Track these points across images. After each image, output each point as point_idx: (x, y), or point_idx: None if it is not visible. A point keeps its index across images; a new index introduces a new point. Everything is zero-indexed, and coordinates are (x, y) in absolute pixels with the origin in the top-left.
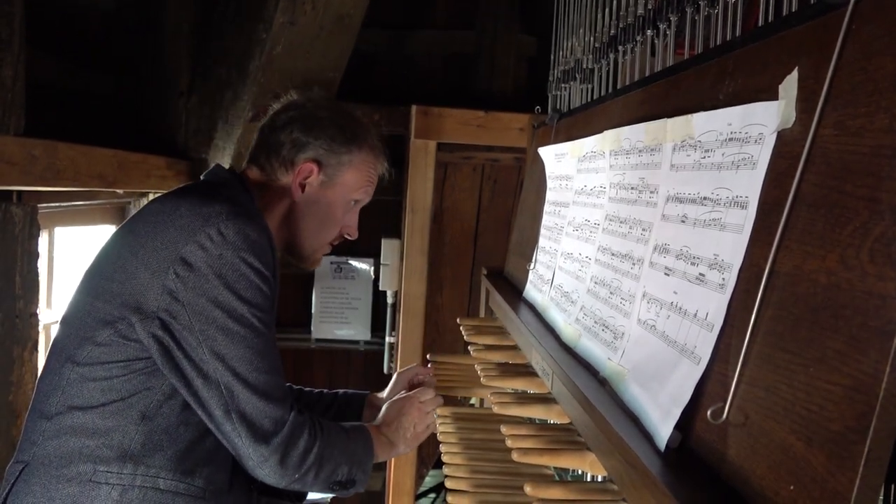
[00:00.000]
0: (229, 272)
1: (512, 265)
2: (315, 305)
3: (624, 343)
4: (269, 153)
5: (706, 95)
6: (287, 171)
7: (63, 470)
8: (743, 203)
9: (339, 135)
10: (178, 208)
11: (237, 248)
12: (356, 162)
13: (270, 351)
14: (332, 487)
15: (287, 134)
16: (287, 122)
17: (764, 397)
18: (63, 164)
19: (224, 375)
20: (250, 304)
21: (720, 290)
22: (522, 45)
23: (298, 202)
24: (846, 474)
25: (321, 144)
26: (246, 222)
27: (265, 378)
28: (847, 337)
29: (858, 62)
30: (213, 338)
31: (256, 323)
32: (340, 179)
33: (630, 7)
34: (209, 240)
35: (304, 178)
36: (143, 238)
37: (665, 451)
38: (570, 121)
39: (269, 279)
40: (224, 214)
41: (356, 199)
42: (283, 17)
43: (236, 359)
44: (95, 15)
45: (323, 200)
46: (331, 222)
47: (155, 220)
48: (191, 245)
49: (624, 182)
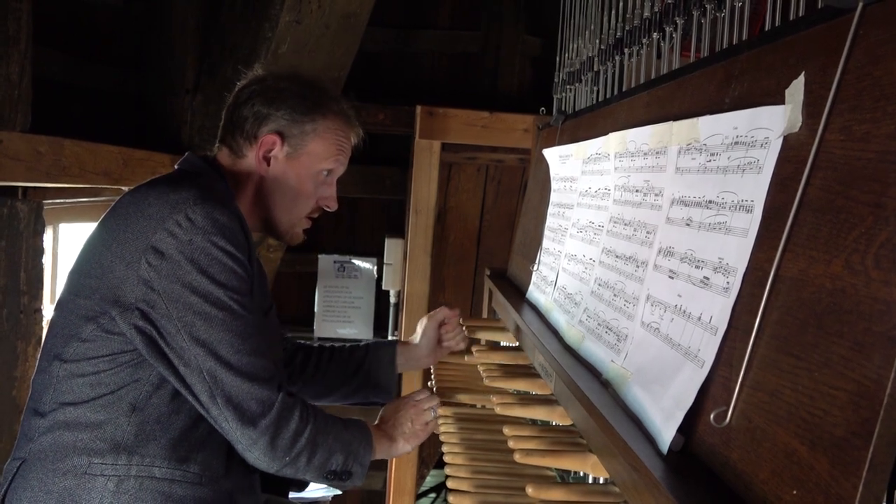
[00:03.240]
0: (201, 257)
1: (515, 266)
2: (318, 304)
3: (627, 345)
4: (233, 131)
5: (712, 99)
6: (251, 147)
7: (59, 464)
8: (748, 207)
9: (300, 104)
10: (147, 198)
11: (207, 232)
12: (321, 130)
13: (253, 333)
14: (327, 476)
15: (249, 108)
16: (249, 96)
17: (768, 401)
18: (68, 161)
19: (206, 360)
20: (226, 287)
21: (724, 293)
22: (527, 46)
23: (266, 177)
24: (850, 480)
25: (283, 115)
26: (214, 206)
27: (248, 360)
28: (851, 342)
29: (865, 67)
30: (192, 323)
31: (234, 305)
32: (306, 150)
33: (636, 10)
34: (178, 226)
35: (266, 152)
36: (115, 231)
37: (668, 454)
38: (575, 122)
39: (242, 262)
40: (191, 200)
41: (327, 168)
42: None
43: (217, 342)
44: (102, 11)
45: (291, 173)
46: (303, 195)
47: (125, 213)
48: (160, 233)
49: (629, 184)
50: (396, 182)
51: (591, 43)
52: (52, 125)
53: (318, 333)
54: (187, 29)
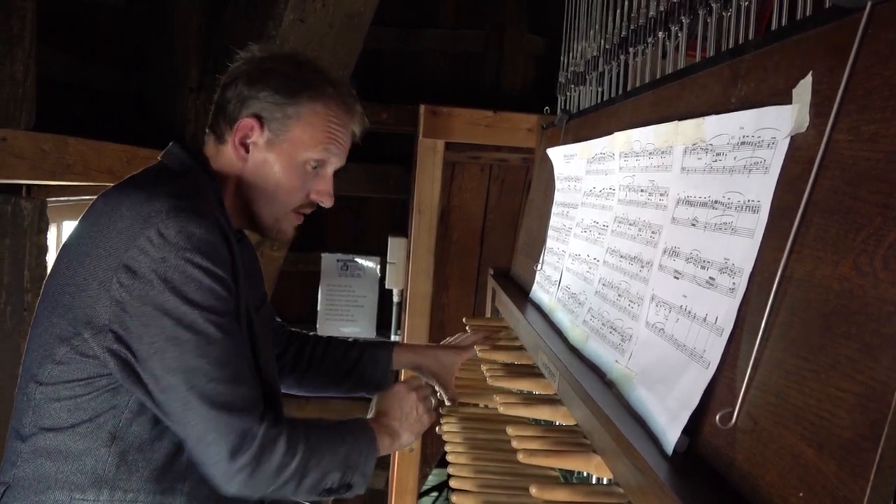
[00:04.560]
0: (175, 275)
1: (519, 265)
2: (321, 303)
3: (632, 346)
4: (218, 115)
5: (718, 98)
6: (231, 131)
7: (41, 496)
8: (755, 207)
9: (284, 85)
10: (119, 209)
11: (181, 248)
12: (305, 115)
13: (232, 358)
14: (321, 494)
15: (233, 90)
16: (235, 77)
17: (774, 403)
18: (72, 159)
19: (178, 389)
20: (201, 308)
21: (730, 294)
22: (531, 45)
23: (246, 166)
24: (857, 482)
25: (264, 97)
26: (188, 218)
27: (225, 389)
28: (859, 344)
29: (874, 67)
30: (163, 349)
31: (210, 328)
32: (288, 136)
33: (641, 9)
34: (150, 242)
35: (243, 137)
36: (88, 246)
37: (672, 455)
38: (580, 122)
39: (221, 278)
40: (164, 212)
41: (315, 158)
42: (293, 14)
43: (189, 371)
44: (103, 11)
45: (273, 161)
46: (286, 187)
47: (98, 224)
48: (132, 250)
49: (633, 184)
50: (399, 181)
51: (596, 42)
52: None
53: (321, 332)
54: (190, 28)
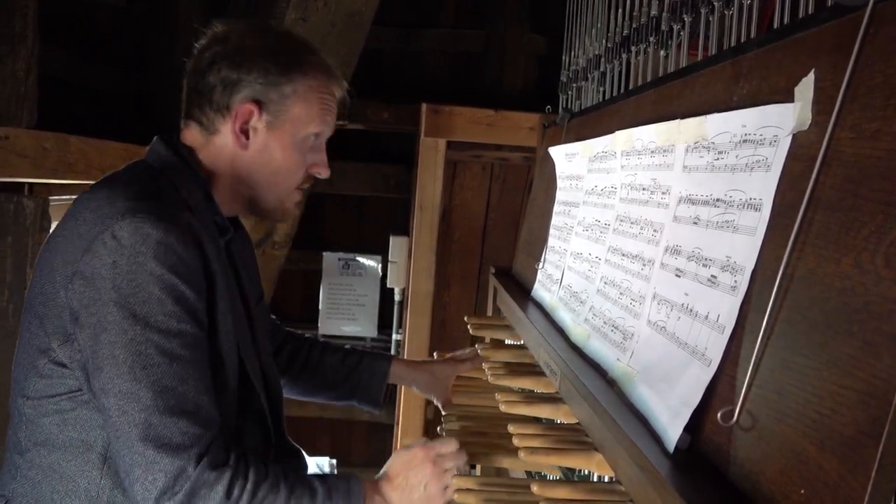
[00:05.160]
0: (123, 283)
1: (520, 264)
2: (322, 301)
3: (633, 344)
4: (201, 103)
5: (720, 97)
6: (225, 119)
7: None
8: (756, 205)
9: (273, 63)
10: (84, 211)
11: (134, 252)
12: (301, 90)
13: (175, 385)
14: None
15: (215, 74)
16: (212, 60)
17: (776, 400)
18: (74, 157)
19: (110, 413)
20: (146, 325)
21: (732, 292)
22: (532, 45)
23: (247, 153)
24: (858, 479)
25: (255, 79)
26: (145, 220)
27: (158, 420)
28: (861, 341)
29: (876, 65)
30: (100, 367)
31: (151, 350)
32: (288, 115)
33: (643, 7)
34: (103, 246)
35: (244, 123)
36: (53, 251)
37: (674, 453)
38: (581, 121)
39: (176, 286)
40: (121, 213)
41: (314, 132)
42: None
43: (122, 395)
44: (106, 9)
45: (274, 145)
46: (290, 167)
47: (65, 228)
48: (87, 255)
49: (635, 182)
50: (401, 180)
51: (598, 41)
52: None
53: (322, 331)
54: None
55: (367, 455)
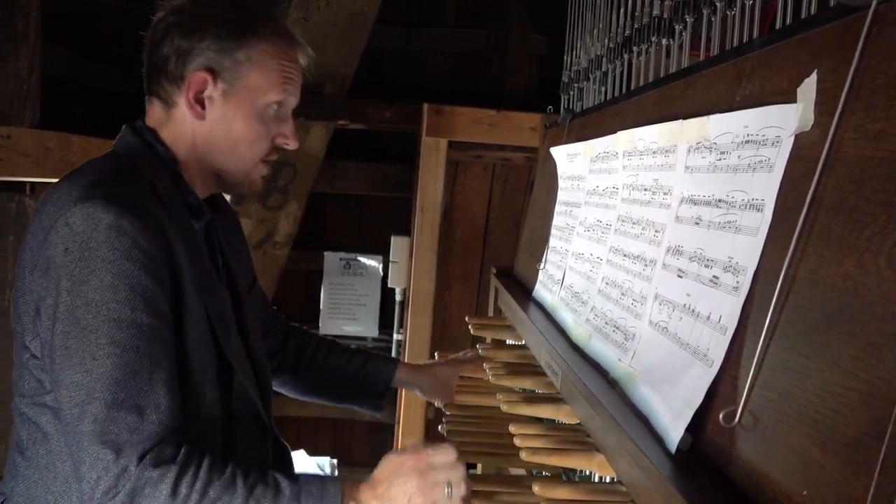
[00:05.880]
0: (76, 270)
1: (521, 264)
2: (323, 301)
3: (635, 344)
4: (157, 74)
5: (722, 97)
6: (181, 90)
7: None
8: (759, 206)
9: (226, 30)
10: (46, 204)
11: (86, 238)
12: (257, 56)
13: (127, 377)
14: None
15: (168, 45)
16: (166, 30)
17: (778, 401)
18: (76, 157)
19: (63, 405)
20: (98, 313)
21: (734, 293)
22: (534, 45)
23: (204, 123)
24: (861, 480)
25: (208, 46)
26: (96, 204)
27: (105, 414)
28: (864, 342)
29: (880, 65)
30: (53, 359)
31: (102, 340)
32: (244, 83)
33: (645, 7)
34: (56, 234)
35: (197, 93)
36: (25, 247)
37: (676, 454)
38: (583, 121)
39: (130, 273)
40: (73, 201)
41: (275, 100)
42: (297, 12)
43: (73, 387)
44: (107, 9)
45: (232, 113)
46: (252, 137)
47: (33, 224)
48: (44, 245)
49: (637, 183)
50: (402, 180)
51: (600, 41)
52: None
53: (323, 331)
54: None
55: (369, 455)
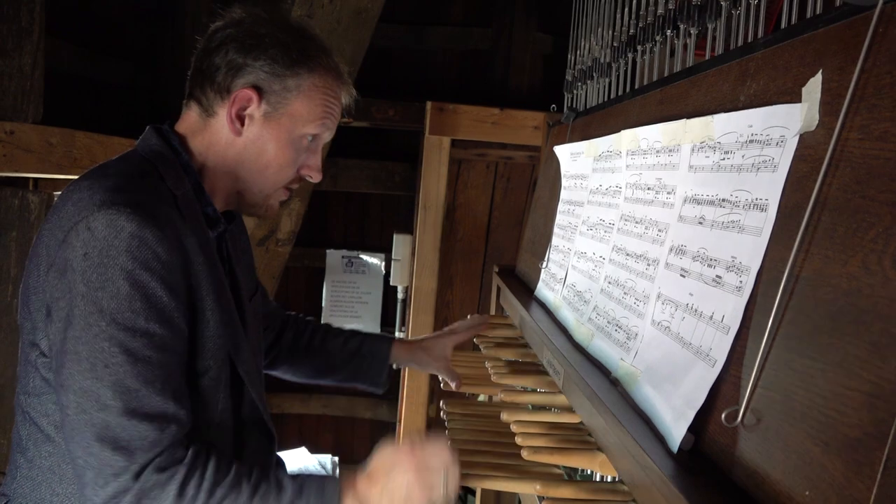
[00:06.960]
0: (93, 276)
1: (524, 263)
2: (325, 299)
3: (637, 344)
4: (203, 82)
5: (727, 97)
6: (223, 102)
7: None
8: (762, 206)
9: (283, 55)
10: (67, 203)
11: (106, 245)
12: (306, 87)
13: (139, 385)
14: None
15: (222, 56)
16: (222, 41)
17: (781, 401)
18: (80, 153)
19: (69, 410)
20: (112, 321)
21: (737, 292)
22: (538, 43)
23: (239, 139)
24: (864, 481)
25: (261, 66)
26: (120, 211)
27: (116, 421)
28: (867, 343)
29: (885, 65)
30: (62, 362)
31: (115, 349)
32: (288, 109)
33: (650, 6)
34: (77, 237)
35: (240, 109)
36: (40, 244)
37: (678, 453)
38: (587, 120)
39: (147, 284)
40: (96, 206)
41: (312, 133)
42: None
43: (82, 392)
44: (115, 3)
45: (268, 136)
46: (281, 163)
47: (50, 221)
48: (62, 247)
49: (640, 182)
50: (405, 178)
51: (604, 40)
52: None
53: None
54: (198, 21)
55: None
